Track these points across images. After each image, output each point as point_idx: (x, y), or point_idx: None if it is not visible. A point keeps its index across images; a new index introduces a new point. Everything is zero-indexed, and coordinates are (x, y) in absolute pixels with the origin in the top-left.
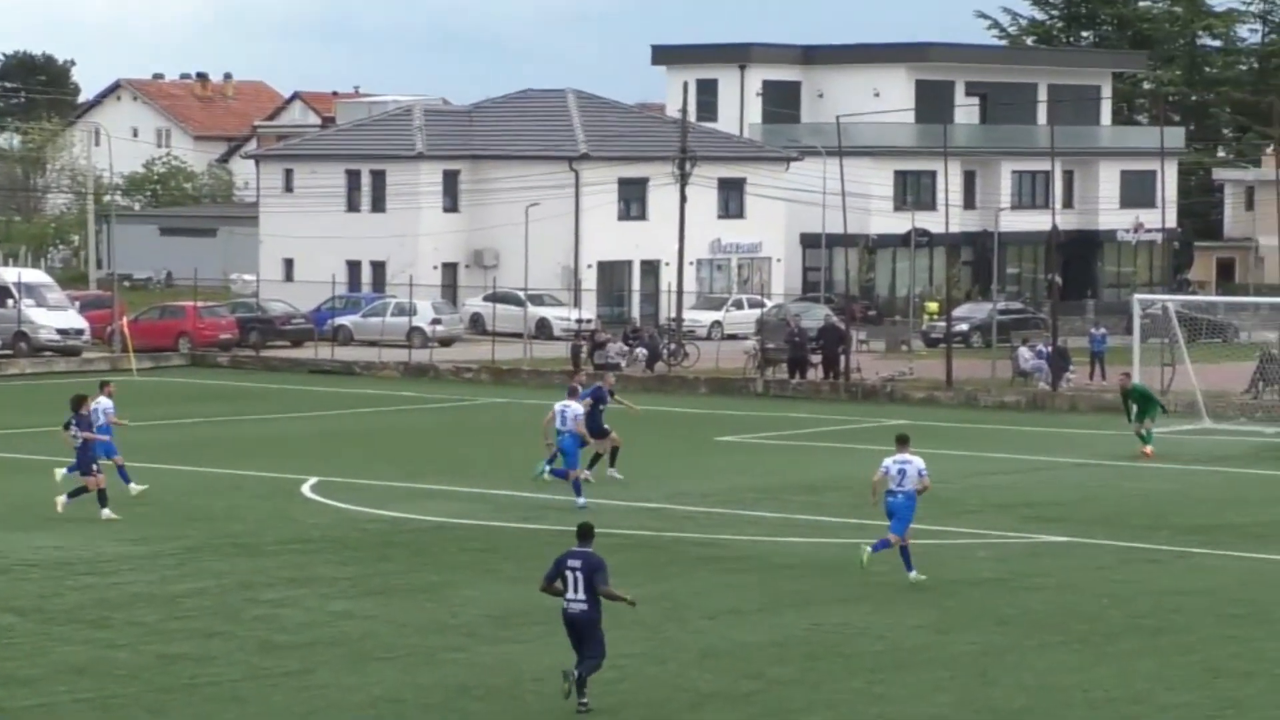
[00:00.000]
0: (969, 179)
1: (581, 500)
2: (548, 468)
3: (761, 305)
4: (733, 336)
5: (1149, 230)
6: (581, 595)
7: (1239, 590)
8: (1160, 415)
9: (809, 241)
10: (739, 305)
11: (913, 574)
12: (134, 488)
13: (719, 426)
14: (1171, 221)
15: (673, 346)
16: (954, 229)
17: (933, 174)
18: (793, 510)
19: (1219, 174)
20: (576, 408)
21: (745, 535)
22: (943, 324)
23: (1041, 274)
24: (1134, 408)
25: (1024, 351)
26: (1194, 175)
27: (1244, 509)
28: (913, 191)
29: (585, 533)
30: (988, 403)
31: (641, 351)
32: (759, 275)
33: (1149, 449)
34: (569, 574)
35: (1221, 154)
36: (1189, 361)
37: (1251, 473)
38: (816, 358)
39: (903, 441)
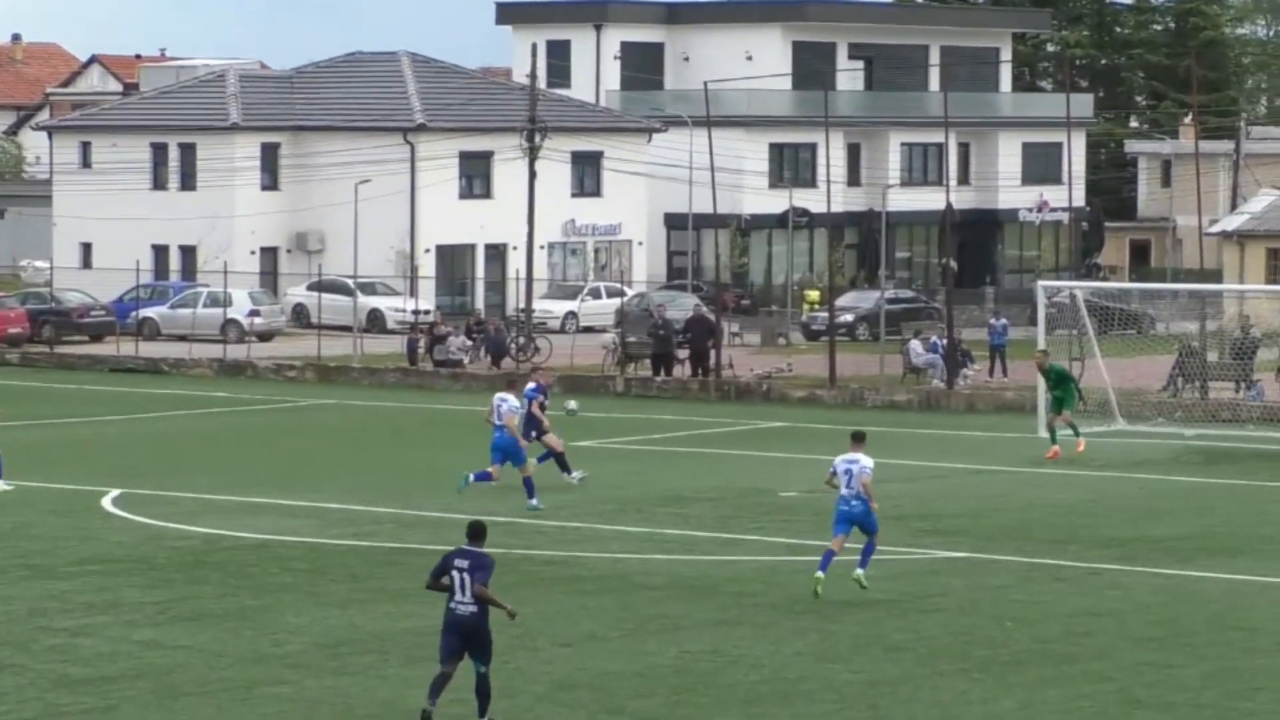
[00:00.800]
0: (853, 152)
1: (535, 500)
2: (471, 475)
3: (621, 294)
4: (589, 329)
5: (1054, 209)
6: (469, 597)
7: (1157, 611)
8: (1075, 406)
9: (674, 223)
10: (596, 294)
11: (861, 573)
12: None
13: (574, 430)
14: (1079, 199)
15: (521, 341)
16: (837, 208)
17: (812, 147)
18: (658, 524)
19: (1132, 146)
20: (513, 401)
21: (604, 552)
22: (825, 314)
23: (935, 258)
24: (1048, 397)
25: (916, 345)
26: (1104, 148)
27: (1162, 520)
28: (790, 167)
29: (477, 532)
30: (876, 402)
31: (487, 347)
32: (618, 260)
33: (1056, 449)
34: (456, 574)
35: (1134, 124)
36: (1100, 356)
37: (1170, 480)
38: (683, 353)
39: (857, 440)
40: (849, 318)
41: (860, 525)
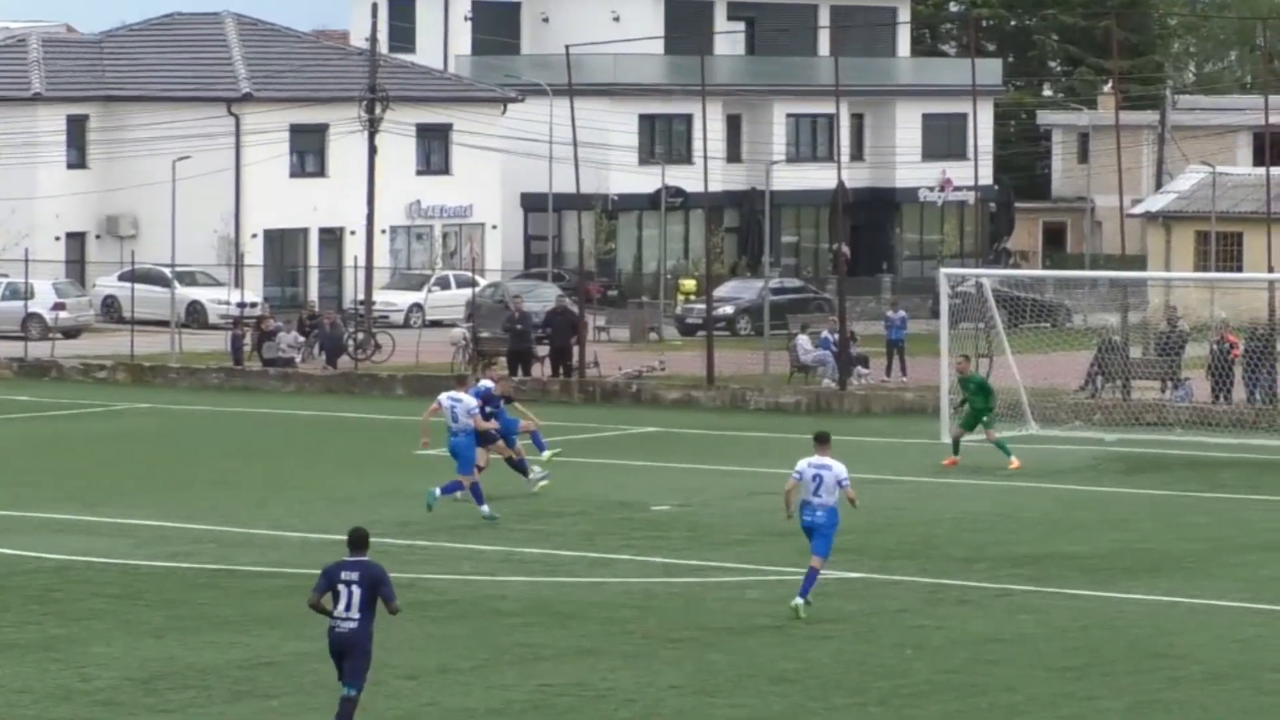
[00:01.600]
0: (733, 125)
1: (486, 509)
2: (437, 492)
3: (473, 284)
4: (437, 323)
5: (958, 188)
6: (355, 613)
7: (1074, 637)
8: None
9: (532, 204)
10: (444, 284)
11: (800, 602)
12: None
13: (419, 437)
14: (986, 177)
15: (360, 336)
16: (715, 187)
17: (687, 119)
18: (515, 541)
19: (1045, 118)
20: (469, 401)
21: (455, 574)
22: (702, 306)
23: (825, 243)
24: (965, 408)
25: (804, 340)
26: (1014, 119)
27: (1079, 536)
28: (663, 141)
29: (358, 539)
30: (759, 405)
31: (321, 343)
32: (469, 246)
33: (954, 459)
34: (343, 588)
35: (1048, 93)
36: (1010, 352)
37: (1088, 490)
38: (543, 350)
39: (822, 441)
40: (729, 310)
41: (814, 540)
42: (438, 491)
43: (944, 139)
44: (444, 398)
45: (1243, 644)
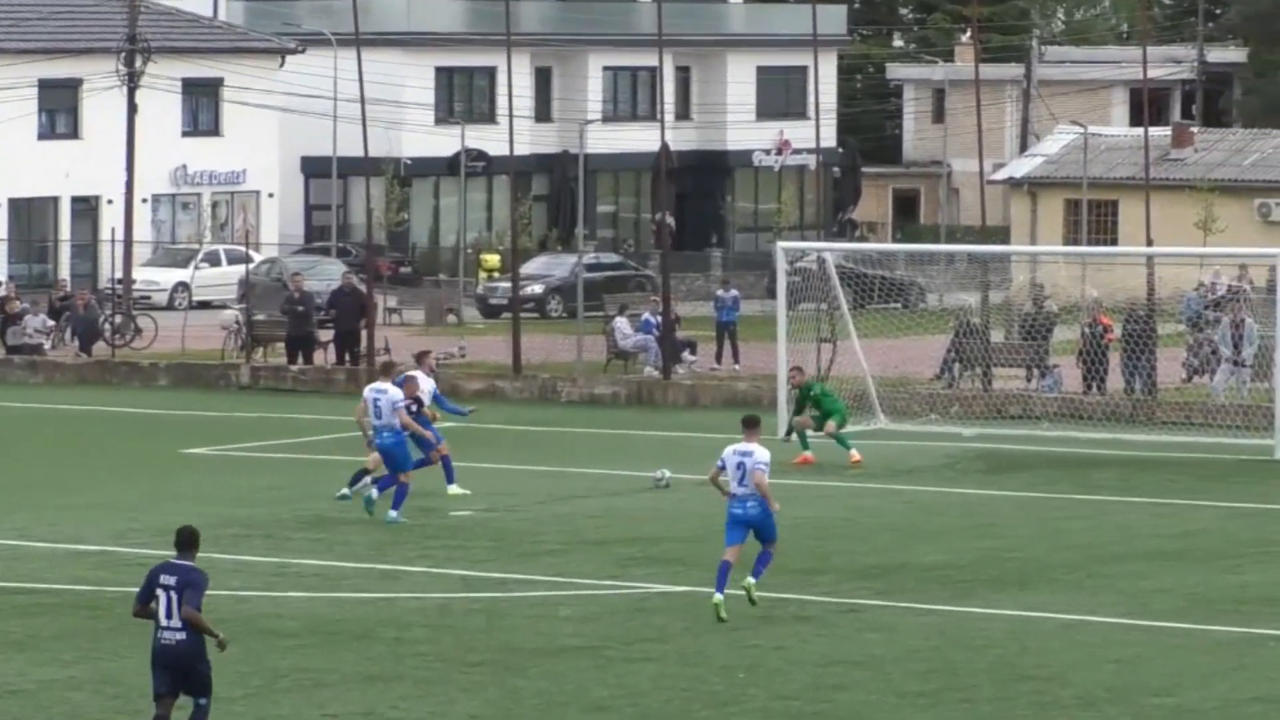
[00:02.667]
0: (543, 79)
1: (397, 514)
2: (374, 489)
3: (247, 260)
4: (205, 305)
5: (797, 151)
6: (179, 621)
7: (929, 657)
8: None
9: (314, 169)
10: (214, 260)
11: (753, 581)
12: None
13: (187, 433)
14: (829, 139)
15: (118, 320)
16: (522, 150)
17: (490, 72)
18: (293, 552)
19: (895, 72)
20: (395, 393)
21: (223, 589)
22: (507, 285)
23: (647, 213)
24: (800, 422)
25: (623, 323)
26: (861, 74)
27: (935, 544)
28: (463, 97)
29: (186, 539)
30: (572, 396)
31: (74, 328)
32: (243, 217)
33: (856, 455)
34: (162, 594)
35: (899, 44)
36: (856, 336)
37: (945, 492)
38: (327, 334)
39: (750, 426)
40: (538, 289)
41: (756, 531)
42: (375, 493)
43: (781, 96)
44: (368, 391)
45: (1120, 665)
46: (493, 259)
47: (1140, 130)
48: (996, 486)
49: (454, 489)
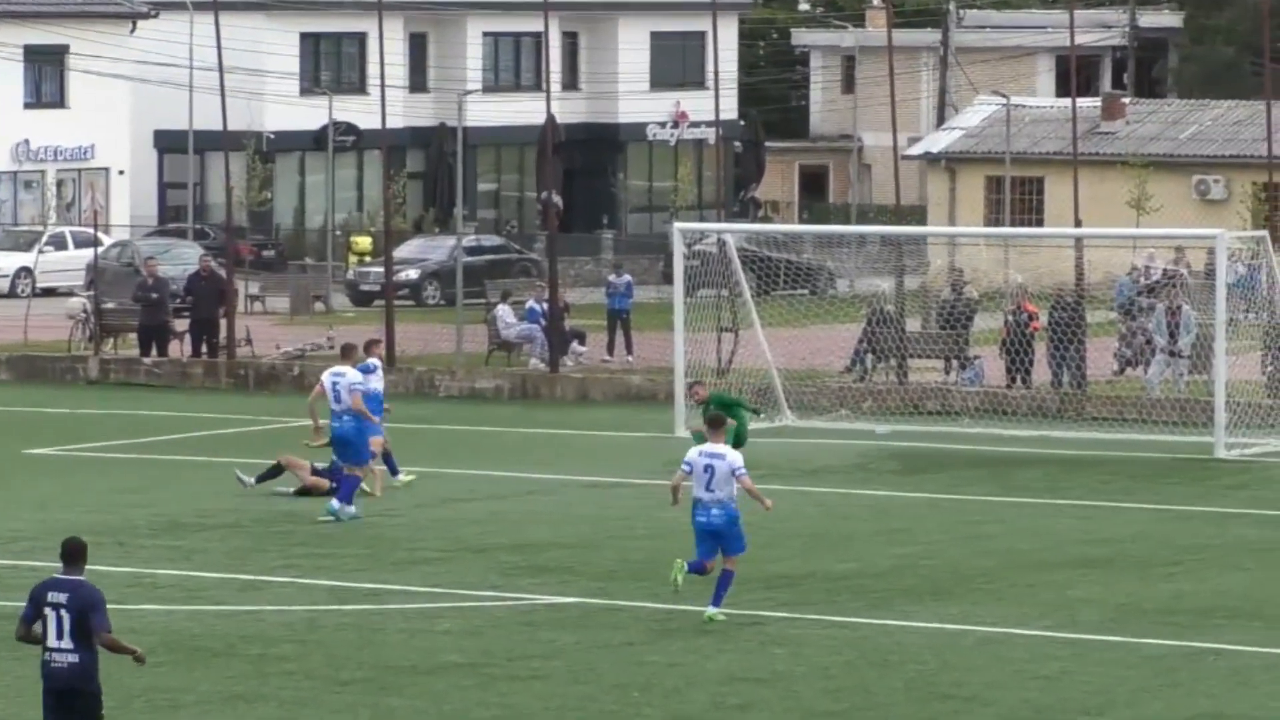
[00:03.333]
0: (418, 46)
1: (352, 509)
2: (334, 504)
3: (96, 244)
4: (50, 292)
5: (695, 124)
6: (69, 643)
7: (839, 674)
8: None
9: (169, 144)
10: (60, 244)
11: (713, 610)
12: None
13: (30, 432)
14: (730, 111)
15: None
16: (395, 123)
17: (360, 38)
18: (146, 561)
19: (801, 38)
20: (353, 375)
21: None
22: (379, 270)
23: (532, 192)
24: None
25: (506, 312)
26: (764, 40)
27: (846, 550)
28: (330, 65)
29: (73, 553)
30: (451, 390)
31: None
32: (91, 196)
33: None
34: (50, 612)
35: (805, 8)
36: (760, 325)
37: (858, 494)
38: (183, 324)
39: (715, 425)
40: (413, 274)
41: (721, 542)
42: (334, 504)
43: (678, 64)
44: (326, 376)
45: (1046, 682)
46: (364, 242)
47: (1067, 101)
48: (912, 488)
49: (401, 478)
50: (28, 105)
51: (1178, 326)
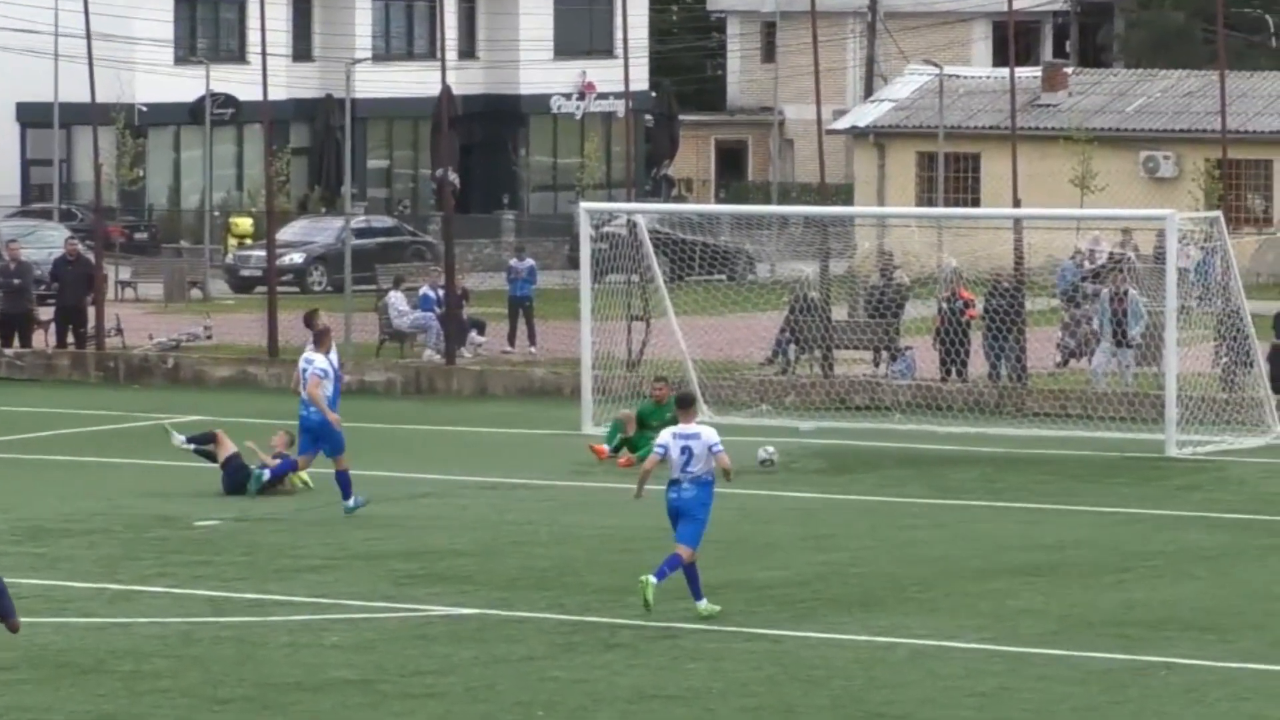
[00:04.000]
0: (302, 11)
1: (353, 500)
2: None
3: None
4: None
5: (603, 95)
6: None
7: (760, 691)
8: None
9: (32, 117)
10: None
11: (702, 604)
12: None
13: None
14: (641, 81)
15: None
16: (278, 95)
17: (239, 2)
18: (9, 570)
19: (718, 2)
20: (321, 362)
21: None
22: (261, 254)
23: (427, 169)
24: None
25: (398, 299)
26: (677, 5)
27: (767, 557)
28: (208, 32)
29: None
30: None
31: None
32: None
33: (601, 448)
34: None
35: None
36: (673, 313)
37: (780, 496)
38: (48, 312)
39: (685, 405)
40: (297, 259)
41: (682, 519)
42: (350, 503)
43: (584, 31)
44: (301, 361)
45: (983, 699)
46: (244, 223)
47: (1005, 71)
48: (839, 490)
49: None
50: None
51: (1124, 314)
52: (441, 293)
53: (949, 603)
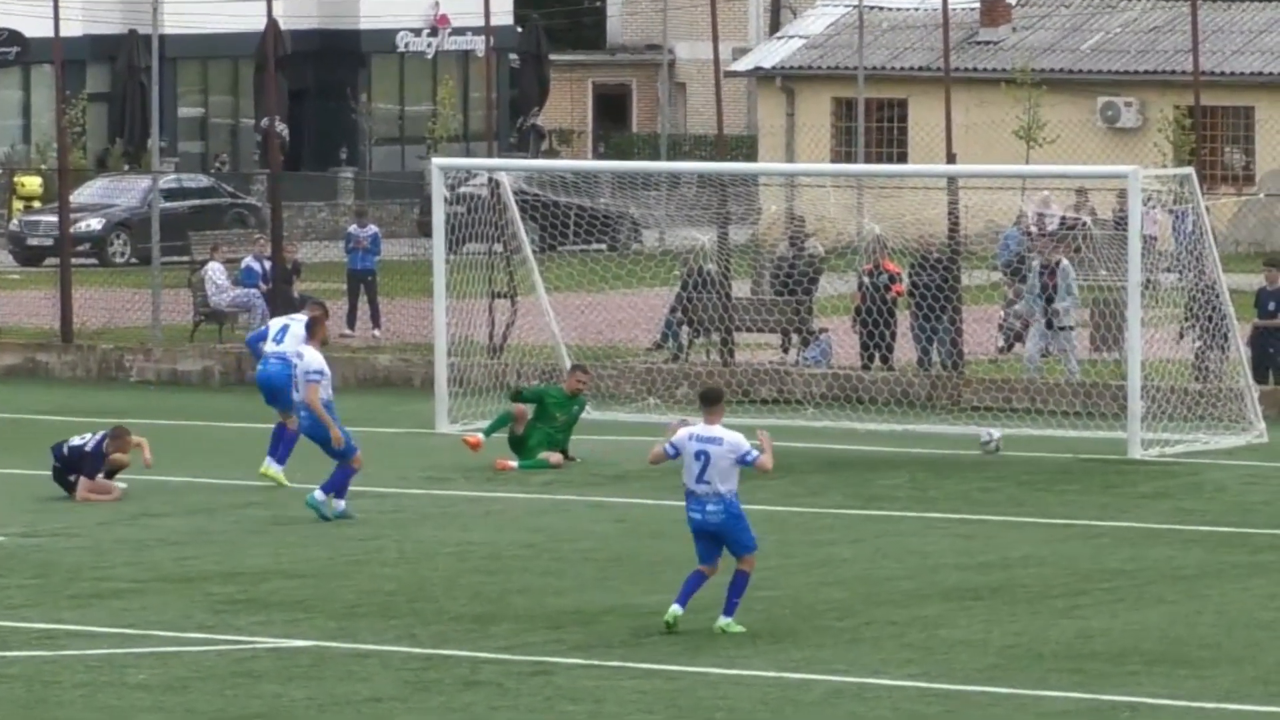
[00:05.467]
0: None
1: (326, 503)
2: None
3: None
4: None
5: (458, 31)
6: None
7: None
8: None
9: None
10: None
11: (726, 620)
12: None
13: None
14: (505, 15)
15: None
16: (73, 31)
17: None
18: None
19: None
20: (311, 358)
21: None
22: (52, 219)
23: (250, 119)
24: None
25: (216, 272)
26: None
27: (656, 579)
28: None
29: None
30: (146, 374)
31: None
32: None
33: (476, 438)
34: None
35: None
36: (544, 289)
37: (670, 507)
38: None
39: (711, 402)
40: (95, 225)
41: (727, 541)
42: (319, 494)
43: None
44: (291, 355)
45: None
46: (31, 183)
47: (937, 2)
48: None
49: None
50: None
51: (1054, 289)
52: (268, 265)
53: (872, 632)
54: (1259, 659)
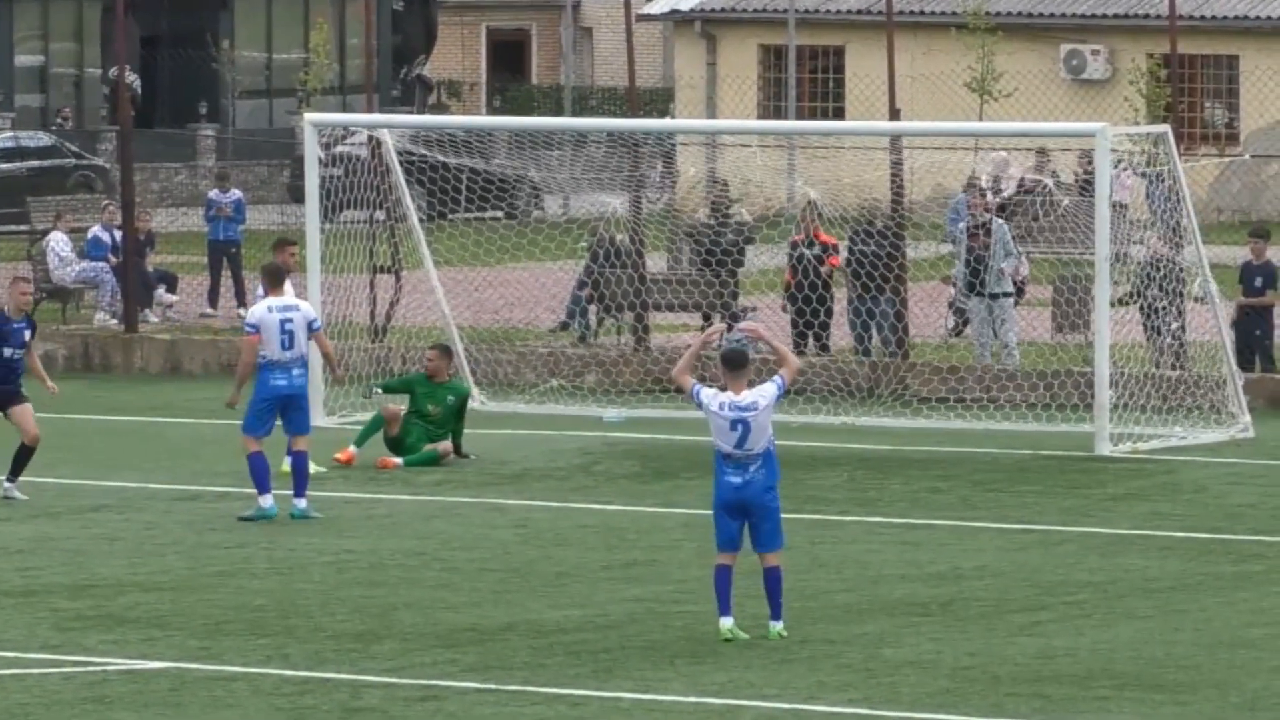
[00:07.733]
0: None
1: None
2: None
3: None
4: None
5: None
6: None
7: None
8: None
9: None
10: None
11: (778, 625)
12: None
13: None
14: None
15: None
16: None
17: None
18: None
19: None
20: (307, 309)
21: None
22: None
23: (95, 68)
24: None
25: (59, 243)
26: None
27: (561, 591)
28: None
29: None
30: None
31: None
32: None
33: (352, 452)
34: None
35: None
36: (433, 262)
37: (577, 509)
38: None
39: (735, 365)
40: None
41: (752, 527)
42: (301, 503)
43: None
44: (264, 312)
45: None
46: None
47: None
48: (657, 500)
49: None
50: None
51: (985, 260)
52: (118, 235)
53: (807, 652)
54: (1243, 682)
